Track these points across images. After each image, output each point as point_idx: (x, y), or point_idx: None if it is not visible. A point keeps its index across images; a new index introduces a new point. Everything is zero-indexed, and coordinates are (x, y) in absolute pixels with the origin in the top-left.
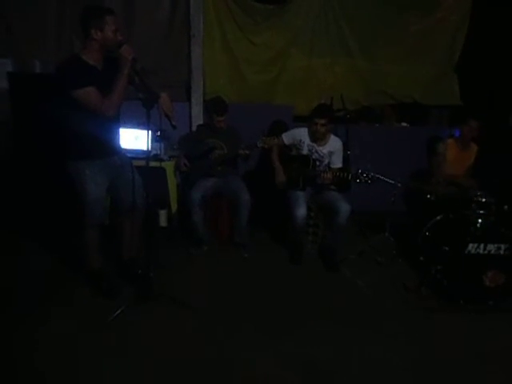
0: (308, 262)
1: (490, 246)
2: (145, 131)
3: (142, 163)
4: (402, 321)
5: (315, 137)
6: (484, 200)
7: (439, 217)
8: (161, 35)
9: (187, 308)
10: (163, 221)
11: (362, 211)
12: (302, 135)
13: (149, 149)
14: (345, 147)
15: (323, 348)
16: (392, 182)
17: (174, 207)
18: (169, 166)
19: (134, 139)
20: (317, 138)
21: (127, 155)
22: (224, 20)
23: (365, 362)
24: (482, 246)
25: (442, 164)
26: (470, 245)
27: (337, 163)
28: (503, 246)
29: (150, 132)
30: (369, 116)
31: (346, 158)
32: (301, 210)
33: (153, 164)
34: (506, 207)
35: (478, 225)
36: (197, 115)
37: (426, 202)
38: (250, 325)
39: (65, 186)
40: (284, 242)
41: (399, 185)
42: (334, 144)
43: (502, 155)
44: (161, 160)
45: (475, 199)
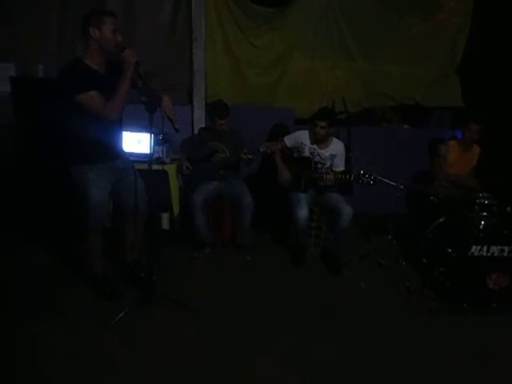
0: (310, 265)
1: (494, 248)
2: (147, 134)
3: (145, 166)
4: (405, 323)
5: (315, 139)
6: (487, 202)
7: (442, 219)
8: (163, 38)
9: (190, 310)
10: (165, 224)
11: (365, 213)
12: (304, 138)
13: (151, 152)
14: (347, 150)
15: (324, 349)
16: (394, 184)
17: (177, 210)
18: (171, 169)
19: (137, 142)
20: (317, 140)
21: (130, 159)
22: (225, 23)
23: (366, 364)
24: (486, 248)
25: (444, 166)
26: (473, 247)
27: (339, 166)
28: (507, 248)
29: (153, 135)
30: (369, 118)
31: (348, 161)
32: (302, 212)
33: (155, 167)
34: (509, 209)
35: (481, 227)
36: (199, 118)
37: (429, 204)
38: (252, 326)
39: (67, 190)
40: (286, 245)
41: (401, 187)
42: (336, 147)
43: (505, 156)
44: (163, 163)
45: (478, 201)
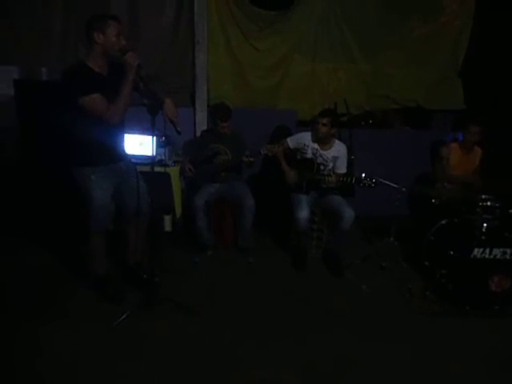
0: (312, 267)
1: (496, 251)
2: (149, 137)
3: (147, 169)
4: (407, 325)
5: (317, 137)
6: (489, 204)
7: (444, 221)
8: (165, 41)
9: (191, 312)
10: (168, 226)
11: (367, 216)
12: (307, 139)
13: (153, 154)
14: (349, 152)
15: (325, 351)
16: (396, 187)
17: (179, 212)
18: (173, 172)
19: (139, 145)
20: (319, 139)
21: (132, 161)
22: (227, 26)
23: (367, 366)
24: (488, 251)
25: (446, 168)
26: (476, 249)
27: (341, 168)
28: (509, 251)
29: (155, 138)
30: (370, 120)
31: (350, 163)
32: (303, 213)
33: (157, 169)
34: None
35: (483, 229)
36: (201, 121)
37: (431, 206)
38: (253, 328)
39: (70, 192)
40: (288, 247)
41: (403, 189)
42: (339, 149)
43: (507, 158)
44: (165, 165)
45: (480, 203)
